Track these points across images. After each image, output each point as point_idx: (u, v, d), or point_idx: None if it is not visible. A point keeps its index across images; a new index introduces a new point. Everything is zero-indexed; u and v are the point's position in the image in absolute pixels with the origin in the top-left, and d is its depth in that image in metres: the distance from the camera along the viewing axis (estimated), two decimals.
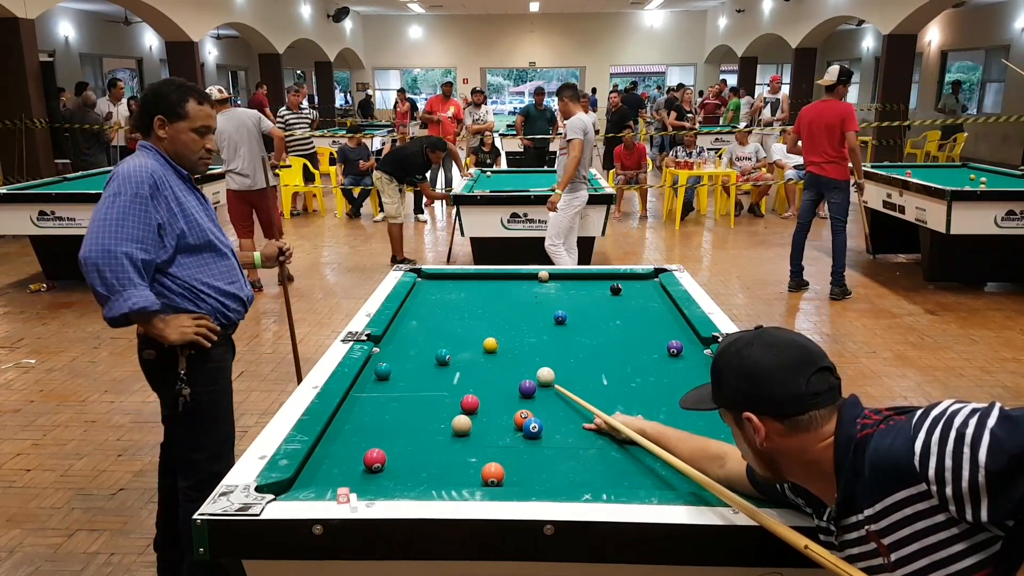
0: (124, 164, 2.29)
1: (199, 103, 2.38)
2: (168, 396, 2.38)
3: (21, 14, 9.44)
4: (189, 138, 2.37)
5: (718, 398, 1.42)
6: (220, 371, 2.48)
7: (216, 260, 2.42)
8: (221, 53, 22.58)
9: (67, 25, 16.08)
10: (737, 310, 6.04)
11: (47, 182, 7.57)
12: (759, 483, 1.55)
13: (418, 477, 1.73)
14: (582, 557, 1.49)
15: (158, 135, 2.36)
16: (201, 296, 2.36)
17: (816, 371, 1.31)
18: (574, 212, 6.14)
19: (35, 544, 3.03)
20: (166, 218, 2.28)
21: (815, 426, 1.30)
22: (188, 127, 2.36)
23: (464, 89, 21.81)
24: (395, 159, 7.65)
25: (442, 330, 2.78)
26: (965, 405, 1.16)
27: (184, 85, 2.39)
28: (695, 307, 2.90)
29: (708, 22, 24.64)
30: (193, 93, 2.37)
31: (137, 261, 2.18)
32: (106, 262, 2.15)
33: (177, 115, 2.34)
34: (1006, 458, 1.07)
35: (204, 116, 2.39)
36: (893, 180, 7.02)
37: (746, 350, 1.35)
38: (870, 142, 14.47)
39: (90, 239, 2.18)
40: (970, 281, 6.69)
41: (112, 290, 2.17)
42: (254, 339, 5.43)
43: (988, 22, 15.90)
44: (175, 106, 2.34)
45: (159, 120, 2.34)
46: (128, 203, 2.20)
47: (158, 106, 2.35)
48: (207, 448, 2.43)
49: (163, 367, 2.35)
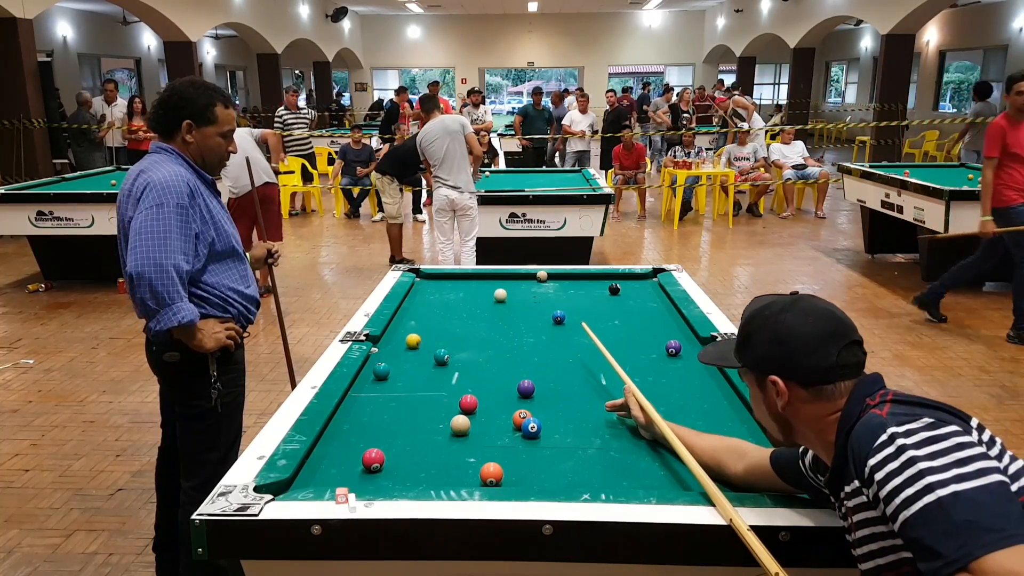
0: (156, 172, 2.26)
1: (225, 107, 2.38)
2: (189, 397, 2.39)
3: (19, 14, 9.43)
4: (216, 143, 2.37)
5: (744, 358, 1.44)
6: (241, 372, 2.52)
7: (237, 265, 2.45)
8: (219, 53, 22.57)
9: (65, 25, 16.06)
10: (736, 310, 6.04)
11: (45, 182, 7.57)
12: (782, 469, 1.56)
13: (417, 477, 1.72)
14: (581, 557, 1.49)
15: (184, 139, 2.35)
16: (229, 301, 2.39)
17: (847, 344, 1.34)
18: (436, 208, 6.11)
19: (33, 544, 3.03)
20: (200, 227, 2.29)
21: (835, 397, 1.34)
22: (216, 132, 2.36)
23: (463, 89, 21.82)
24: (395, 158, 7.64)
25: (441, 330, 2.78)
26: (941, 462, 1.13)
27: (209, 87, 2.38)
28: (693, 307, 2.90)
29: (706, 22, 24.65)
30: (219, 96, 2.37)
31: (183, 273, 2.20)
32: (158, 276, 2.15)
33: (206, 120, 2.34)
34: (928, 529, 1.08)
35: (230, 119, 2.40)
36: (891, 180, 7.02)
37: (781, 315, 1.37)
38: (868, 142, 14.49)
39: (139, 252, 2.16)
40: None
41: (162, 303, 2.16)
42: (253, 340, 5.42)
43: (986, 22, 15.92)
44: (204, 110, 2.33)
45: (187, 124, 2.33)
46: (172, 214, 2.20)
47: (186, 110, 2.33)
48: (220, 448, 2.45)
49: (188, 369, 2.36)
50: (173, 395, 2.48)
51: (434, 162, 6.01)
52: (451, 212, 6.10)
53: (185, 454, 2.47)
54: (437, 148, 5.97)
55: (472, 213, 6.09)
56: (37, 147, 9.82)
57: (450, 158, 5.93)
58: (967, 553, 1.03)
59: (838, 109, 22.83)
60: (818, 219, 10.05)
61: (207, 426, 2.41)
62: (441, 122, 6.03)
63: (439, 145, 5.96)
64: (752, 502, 1.53)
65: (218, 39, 21.96)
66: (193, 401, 2.39)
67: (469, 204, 6.03)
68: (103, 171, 8.58)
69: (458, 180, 5.95)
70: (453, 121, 6.02)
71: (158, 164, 2.30)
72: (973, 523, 1.05)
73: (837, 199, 10.48)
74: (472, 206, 6.07)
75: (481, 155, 6.31)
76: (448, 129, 5.96)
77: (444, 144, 5.95)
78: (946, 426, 1.18)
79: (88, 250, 6.69)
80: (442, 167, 5.96)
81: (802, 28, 17.38)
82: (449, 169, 5.94)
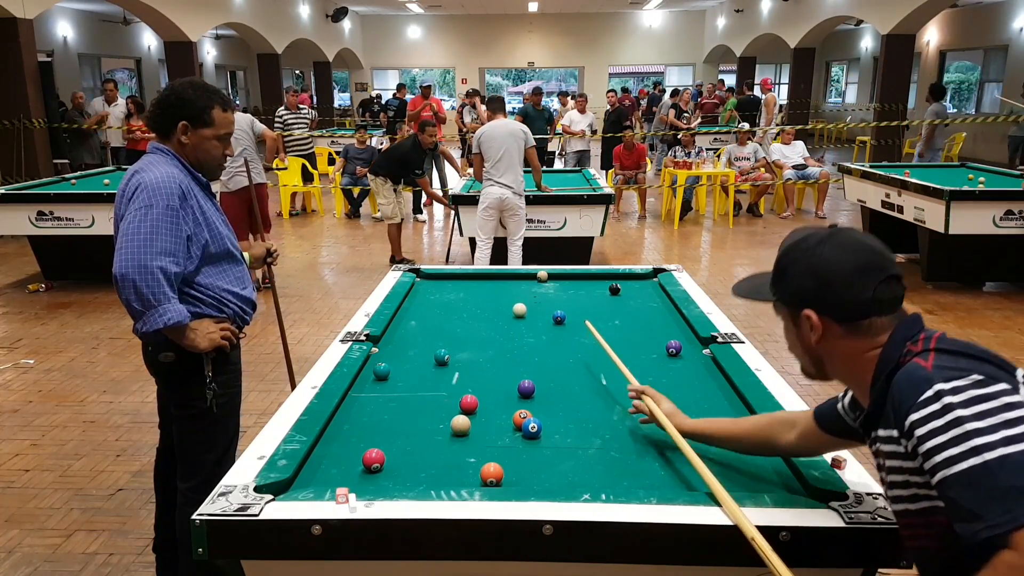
0: (149, 173, 2.24)
1: (223, 110, 2.34)
2: (185, 398, 2.38)
3: (19, 14, 9.43)
4: (212, 145, 2.34)
5: (778, 292, 1.41)
6: (237, 373, 2.50)
7: (233, 267, 2.43)
8: (220, 53, 22.57)
9: (66, 25, 16.06)
10: (736, 310, 6.04)
11: (46, 182, 7.57)
12: (825, 421, 1.55)
13: (417, 477, 1.72)
14: (581, 557, 1.49)
15: (180, 140, 2.32)
16: (224, 302, 2.37)
17: (885, 278, 1.30)
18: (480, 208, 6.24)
19: (34, 544, 3.03)
20: (193, 229, 2.26)
21: (871, 333, 1.31)
22: (213, 134, 2.33)
23: (463, 89, 21.81)
24: (390, 159, 7.63)
25: (441, 330, 2.78)
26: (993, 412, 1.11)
27: (208, 89, 2.35)
28: (694, 307, 2.90)
29: (707, 22, 24.64)
30: (218, 99, 2.34)
31: (171, 274, 2.17)
32: (143, 277, 2.13)
33: (203, 122, 2.31)
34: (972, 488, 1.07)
35: (228, 123, 2.37)
36: (892, 180, 7.02)
37: (818, 248, 1.34)
38: (868, 142, 14.48)
39: (124, 253, 2.15)
40: (969, 281, 6.70)
41: (148, 305, 2.15)
42: (253, 339, 5.42)
43: (986, 22, 15.92)
44: (201, 112, 2.30)
45: (183, 126, 2.30)
46: (161, 215, 2.18)
47: (183, 111, 2.30)
48: (217, 448, 2.43)
49: (184, 369, 2.34)
50: (169, 396, 2.47)
51: (488, 159, 6.10)
52: (497, 211, 6.17)
53: (182, 455, 2.46)
54: (496, 146, 6.05)
55: (520, 213, 6.20)
56: (37, 147, 9.83)
57: (507, 158, 6.03)
58: (1012, 519, 1.02)
59: (838, 109, 22.83)
60: (818, 219, 10.04)
61: (203, 427, 2.40)
62: (505, 124, 6.15)
63: (499, 144, 6.05)
64: (752, 502, 1.53)
65: (218, 39, 21.97)
66: (189, 402, 2.37)
67: (518, 204, 6.15)
68: (100, 171, 8.59)
69: (511, 180, 6.07)
70: (518, 127, 6.17)
71: (152, 165, 2.28)
72: (1020, 489, 1.03)
73: (837, 199, 10.48)
74: (521, 206, 6.18)
75: (540, 168, 6.42)
76: (511, 131, 6.08)
77: (504, 144, 6.03)
78: (995, 384, 1.14)
79: (88, 250, 6.69)
80: (497, 166, 6.06)
81: (802, 28, 17.37)
82: (504, 169, 6.04)
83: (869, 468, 1.61)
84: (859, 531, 1.45)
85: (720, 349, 2.46)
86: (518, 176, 6.09)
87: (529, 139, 6.17)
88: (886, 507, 1.50)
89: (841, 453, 1.72)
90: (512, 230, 6.25)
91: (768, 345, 5.22)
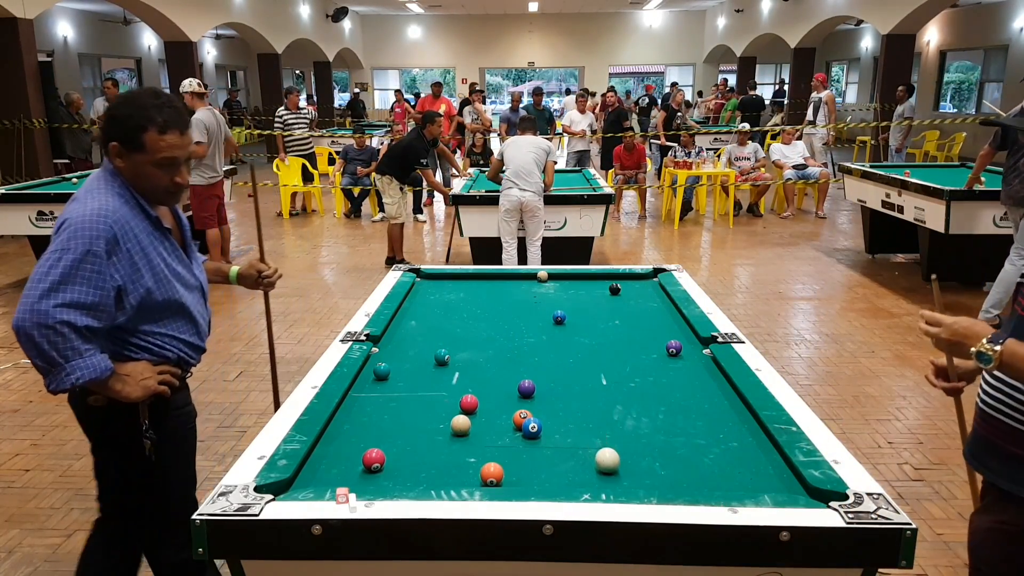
0: (81, 205, 1.90)
1: (161, 132, 1.92)
2: (118, 450, 2.06)
3: (20, 14, 9.43)
4: (151, 172, 1.96)
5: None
6: (186, 417, 2.18)
7: (181, 316, 2.07)
8: (220, 53, 22.58)
9: (66, 25, 16.06)
10: (736, 310, 6.04)
11: (46, 182, 7.57)
12: None
13: (417, 477, 1.73)
14: (581, 557, 1.49)
15: (117, 164, 1.97)
16: (165, 348, 2.04)
17: None
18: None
19: (34, 544, 3.03)
20: (128, 276, 1.91)
21: None
22: (147, 161, 1.94)
23: (463, 89, 21.82)
24: (393, 156, 7.63)
25: (441, 330, 2.78)
26: None
27: (147, 108, 1.92)
28: (694, 307, 2.90)
29: (707, 22, 24.64)
30: (154, 121, 1.91)
31: (81, 328, 1.82)
32: (42, 333, 1.78)
33: (134, 145, 1.93)
34: None
35: (167, 147, 1.94)
36: (892, 180, 7.02)
37: None
38: (868, 142, 14.48)
39: (26, 302, 1.80)
40: (969, 281, 6.69)
41: (52, 363, 1.81)
42: (253, 339, 5.43)
43: (987, 22, 15.91)
44: (132, 135, 1.92)
45: (114, 147, 1.94)
46: (77, 262, 1.82)
47: (112, 130, 1.95)
48: (170, 498, 2.15)
49: (114, 415, 2.00)
50: (100, 447, 2.10)
51: (511, 166, 6.42)
52: (518, 212, 6.44)
53: (125, 512, 2.15)
54: (522, 155, 6.40)
55: (540, 215, 6.48)
56: (37, 147, 9.83)
57: (528, 166, 6.37)
58: None
59: (838, 109, 22.81)
60: (818, 219, 10.04)
61: (146, 481, 2.08)
62: (533, 139, 6.61)
63: (523, 153, 6.40)
64: (752, 502, 1.53)
65: (218, 39, 21.97)
66: (126, 453, 2.05)
67: (538, 205, 6.43)
68: None
69: (531, 185, 6.38)
70: (544, 142, 6.64)
71: (90, 194, 1.94)
72: None
73: (837, 199, 10.48)
74: (540, 207, 6.47)
75: (552, 184, 6.78)
76: (538, 144, 6.51)
77: (528, 155, 6.39)
78: None
79: None
80: (517, 173, 6.37)
81: (802, 28, 17.37)
82: (526, 175, 6.36)
83: (869, 468, 1.61)
84: (859, 531, 1.45)
85: (720, 349, 2.46)
86: (538, 181, 6.43)
87: (553, 154, 6.63)
88: (886, 507, 1.50)
89: (838, 456, 1.73)
90: (531, 231, 6.54)
91: (768, 345, 5.22)
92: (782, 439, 1.82)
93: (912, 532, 1.45)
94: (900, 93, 12.08)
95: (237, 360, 5.02)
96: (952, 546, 2.93)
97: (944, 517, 3.14)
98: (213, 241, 6.93)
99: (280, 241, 9.01)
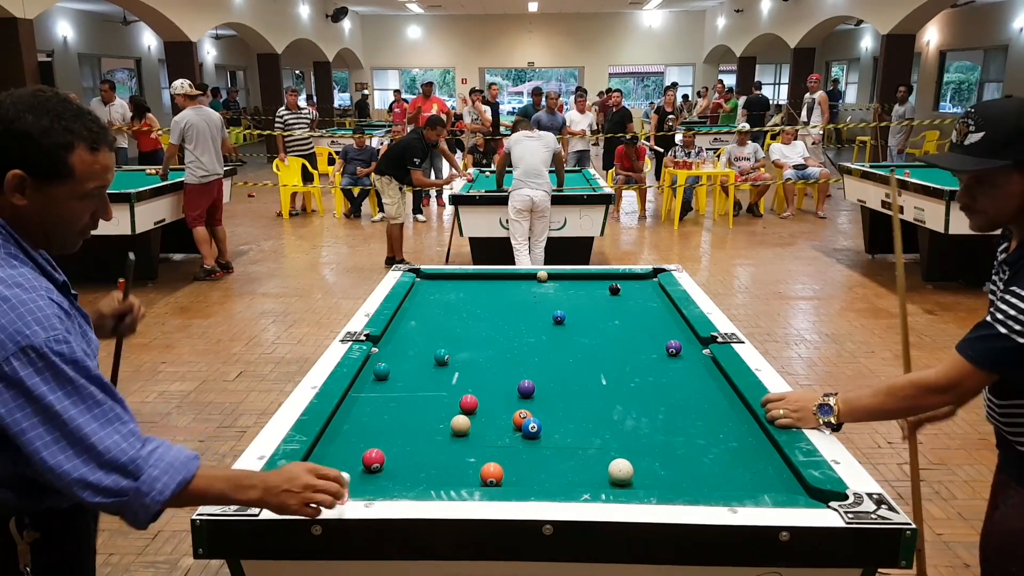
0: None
1: (93, 149, 1.34)
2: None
3: (19, 14, 9.44)
4: (73, 208, 1.36)
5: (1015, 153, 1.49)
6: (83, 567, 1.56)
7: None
8: (220, 53, 22.59)
9: (65, 25, 16.06)
10: (736, 310, 6.04)
11: None
12: None
13: (417, 477, 1.72)
14: (581, 557, 1.49)
15: (12, 203, 1.32)
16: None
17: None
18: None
19: None
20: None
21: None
22: (72, 193, 1.34)
23: (463, 89, 21.81)
24: (393, 156, 7.62)
25: (441, 330, 2.78)
26: None
27: (64, 117, 1.31)
28: (694, 307, 2.90)
29: (707, 22, 24.65)
30: (81, 136, 1.32)
31: (135, 430, 1.33)
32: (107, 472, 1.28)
33: (53, 173, 1.31)
34: None
35: (102, 171, 1.37)
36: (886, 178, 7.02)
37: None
38: (868, 142, 14.48)
39: (63, 456, 1.25)
40: (969, 281, 6.70)
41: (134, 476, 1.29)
42: (253, 339, 5.43)
43: (986, 22, 15.92)
44: (52, 156, 1.30)
45: (15, 178, 1.29)
46: (84, 381, 1.28)
47: (16, 152, 1.29)
48: None
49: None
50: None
51: (519, 164, 6.46)
52: (529, 212, 6.45)
53: None
54: (527, 153, 6.43)
55: (548, 215, 6.53)
56: None
57: (537, 164, 6.41)
58: None
59: (838, 109, 22.82)
60: (818, 219, 10.05)
61: None
62: (539, 136, 6.65)
63: (530, 151, 6.44)
64: (752, 502, 1.53)
65: (218, 39, 21.98)
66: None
67: (548, 205, 6.50)
68: None
69: (541, 183, 6.43)
70: (552, 139, 6.70)
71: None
72: None
73: (837, 199, 10.48)
74: (549, 206, 6.52)
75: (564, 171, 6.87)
76: (544, 140, 6.55)
77: (535, 152, 6.43)
78: None
79: (88, 250, 6.65)
80: (526, 171, 6.40)
81: (802, 28, 17.38)
82: (535, 173, 6.39)
83: (869, 468, 1.61)
84: (859, 531, 1.45)
85: (720, 349, 2.46)
86: (547, 181, 6.49)
87: (557, 146, 6.77)
88: (886, 507, 1.50)
89: (837, 456, 1.73)
90: (538, 231, 6.57)
91: (768, 345, 5.22)
92: (782, 439, 1.82)
93: (912, 532, 1.45)
94: (901, 93, 12.12)
95: (237, 360, 5.01)
96: (952, 546, 2.93)
97: (944, 517, 3.15)
98: (200, 239, 6.95)
99: (280, 241, 9.01)
